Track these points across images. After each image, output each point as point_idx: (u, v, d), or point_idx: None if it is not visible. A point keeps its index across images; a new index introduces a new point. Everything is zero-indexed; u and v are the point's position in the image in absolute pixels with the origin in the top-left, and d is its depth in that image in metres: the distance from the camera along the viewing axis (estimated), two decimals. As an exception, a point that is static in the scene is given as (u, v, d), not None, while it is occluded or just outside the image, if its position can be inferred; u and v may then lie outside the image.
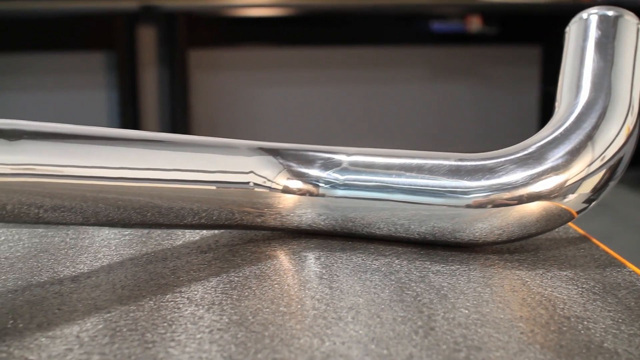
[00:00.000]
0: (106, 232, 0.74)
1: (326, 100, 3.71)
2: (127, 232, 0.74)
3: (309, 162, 0.71)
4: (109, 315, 0.58)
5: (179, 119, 3.25)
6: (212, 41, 3.43)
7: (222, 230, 0.74)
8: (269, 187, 0.69)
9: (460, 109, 3.97)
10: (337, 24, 3.67)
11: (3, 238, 0.74)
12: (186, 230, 0.74)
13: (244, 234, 0.74)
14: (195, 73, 3.39)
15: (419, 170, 0.70)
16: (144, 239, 0.73)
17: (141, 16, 3.27)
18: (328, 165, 0.71)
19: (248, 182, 0.68)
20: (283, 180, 0.70)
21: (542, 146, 0.69)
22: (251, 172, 0.68)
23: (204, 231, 0.74)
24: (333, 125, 3.74)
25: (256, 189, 0.69)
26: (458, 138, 3.97)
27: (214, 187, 0.67)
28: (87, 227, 0.65)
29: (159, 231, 0.74)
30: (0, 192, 0.58)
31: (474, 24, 3.90)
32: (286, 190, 0.70)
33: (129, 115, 3.23)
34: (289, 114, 3.64)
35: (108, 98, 3.33)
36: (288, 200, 0.70)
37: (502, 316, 0.58)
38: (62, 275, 0.65)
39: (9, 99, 3.27)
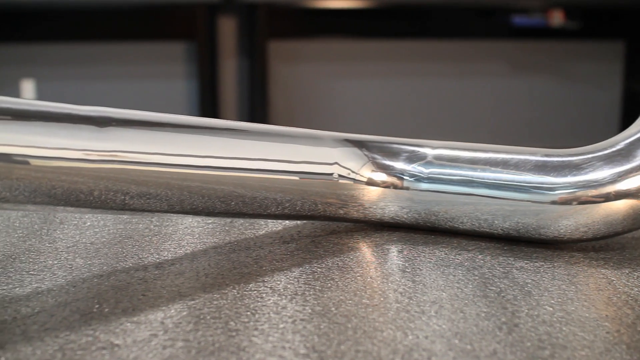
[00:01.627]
0: (189, 220, 0.75)
1: (404, 93, 3.69)
2: (210, 221, 0.74)
3: (394, 154, 0.71)
4: (192, 302, 0.58)
5: (257, 109, 3.27)
6: (291, 33, 3.44)
7: (305, 221, 0.74)
8: (353, 179, 0.69)
9: (539, 105, 3.92)
10: (416, 16, 3.65)
11: (89, 224, 0.75)
12: (269, 220, 0.75)
13: (327, 225, 0.74)
14: (275, 64, 3.40)
15: (505, 165, 0.69)
16: (227, 228, 0.73)
17: (222, 7, 3.30)
18: (413, 158, 0.70)
19: (332, 174, 0.68)
20: (367, 172, 0.70)
21: (630, 143, 0.68)
22: (336, 163, 0.68)
23: (287, 221, 0.74)
24: (410, 118, 3.73)
25: (340, 181, 0.69)
26: (536, 134, 3.92)
27: (298, 178, 0.67)
28: (171, 214, 0.65)
29: (241, 220, 0.75)
30: (88, 178, 0.59)
31: (556, 18, 3.85)
32: (370, 183, 0.70)
33: (208, 105, 3.26)
34: (367, 107, 3.64)
35: (188, 88, 3.36)
36: (372, 193, 0.70)
37: (587, 315, 0.57)
38: (146, 262, 0.66)
39: (92, 87, 3.32)
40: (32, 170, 0.56)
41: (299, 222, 0.75)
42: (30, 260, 0.67)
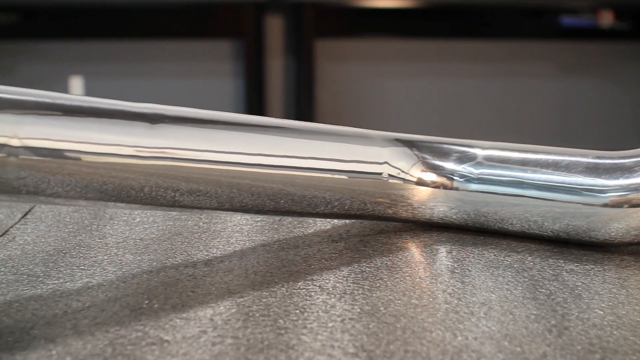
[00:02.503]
0: (238, 218, 0.75)
1: (450, 93, 3.68)
2: (259, 219, 0.75)
3: (444, 154, 0.70)
4: (241, 299, 0.58)
5: (303, 108, 3.27)
6: (338, 31, 3.44)
7: (353, 220, 0.74)
8: (403, 179, 0.69)
9: (587, 106, 3.89)
10: (464, 16, 3.63)
11: (138, 220, 0.75)
12: (317, 219, 0.75)
13: (375, 224, 0.74)
14: (321, 63, 3.40)
15: (555, 166, 0.68)
16: (275, 226, 0.73)
17: (270, 5, 3.30)
18: (463, 158, 0.70)
19: (381, 173, 0.68)
20: (417, 172, 0.69)
21: None
22: (385, 162, 0.68)
23: (335, 220, 0.74)
24: (456, 118, 3.71)
25: (390, 180, 0.68)
26: (585, 136, 3.89)
27: (347, 177, 0.67)
28: (220, 212, 0.66)
29: (290, 218, 0.75)
30: (139, 175, 0.59)
31: (605, 18, 3.81)
32: (420, 183, 0.69)
33: (255, 104, 3.26)
34: (413, 107, 3.63)
35: (234, 86, 3.36)
36: (421, 193, 0.70)
37: (638, 319, 0.56)
38: (195, 259, 0.66)
39: (140, 85, 3.34)
40: (84, 166, 0.57)
41: (347, 221, 0.74)
42: (81, 255, 0.67)
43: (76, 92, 3.32)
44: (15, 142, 0.53)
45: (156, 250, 0.68)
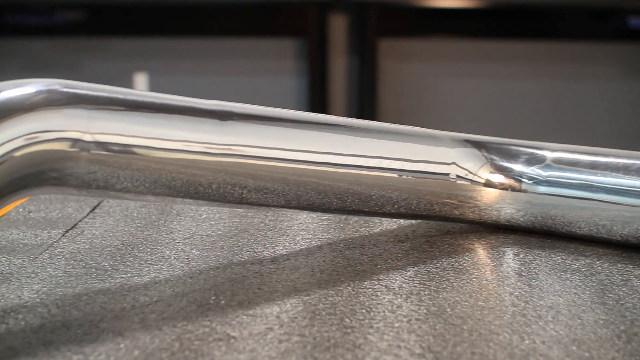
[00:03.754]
0: (304, 216, 0.75)
1: (514, 94, 3.65)
2: (324, 217, 0.75)
3: (512, 156, 0.70)
4: (308, 298, 0.58)
5: (366, 108, 3.27)
6: (402, 31, 3.43)
7: (419, 221, 0.74)
8: (471, 180, 0.68)
9: (654, 109, 3.83)
10: (528, 17, 3.60)
11: (205, 216, 0.76)
12: (383, 219, 0.74)
13: (441, 225, 0.74)
14: (385, 62, 3.39)
15: (626, 170, 0.67)
16: (341, 225, 0.73)
17: (334, 4, 3.30)
18: (531, 160, 0.69)
19: (449, 174, 0.68)
20: (485, 173, 0.69)
21: None
22: (453, 163, 0.68)
23: (401, 220, 0.74)
24: (519, 120, 3.68)
25: (458, 181, 0.68)
26: (650, 140, 3.83)
27: (415, 177, 0.67)
28: (285, 210, 0.66)
29: (356, 218, 0.74)
30: (207, 171, 0.59)
31: (674, 21, 3.75)
32: (488, 184, 0.69)
33: (317, 102, 3.26)
34: (477, 107, 3.60)
35: (297, 85, 3.37)
36: (489, 194, 0.69)
37: None
38: (261, 256, 0.66)
39: (203, 82, 3.36)
40: (153, 162, 0.57)
41: (413, 221, 0.74)
42: (148, 250, 0.68)
43: (140, 89, 3.35)
44: (87, 137, 0.54)
45: (223, 247, 0.68)
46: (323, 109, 3.29)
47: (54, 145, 0.53)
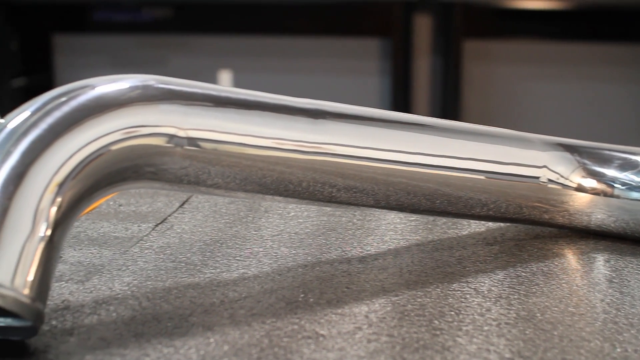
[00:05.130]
0: (392, 216, 0.75)
1: (599, 97, 3.60)
2: (412, 218, 0.74)
3: (605, 161, 0.69)
4: (396, 298, 0.58)
5: (449, 109, 3.25)
6: (487, 32, 3.40)
7: (508, 224, 0.73)
8: (562, 184, 0.68)
9: None
10: (614, 19, 3.54)
11: (293, 214, 0.76)
12: (471, 221, 0.74)
13: (530, 229, 0.73)
14: (469, 64, 3.37)
15: None
16: (429, 226, 0.73)
17: (419, 5, 3.29)
18: (625, 166, 0.68)
19: (540, 177, 0.67)
20: (577, 178, 0.68)
21: None
22: (544, 166, 0.67)
23: (490, 223, 0.74)
24: (604, 124, 3.63)
25: (549, 185, 0.67)
26: None
27: (505, 180, 0.66)
28: (373, 209, 0.66)
29: (444, 219, 0.74)
30: (298, 169, 0.59)
31: None
32: (579, 189, 0.68)
33: (401, 103, 3.26)
34: (562, 110, 3.56)
35: (381, 84, 3.37)
36: (580, 199, 0.68)
37: None
38: (349, 255, 0.66)
39: (287, 80, 3.37)
40: (243, 158, 0.58)
41: (502, 224, 0.73)
42: (237, 246, 0.68)
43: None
44: (181, 133, 0.55)
45: (311, 245, 0.68)
46: (406, 110, 3.28)
47: (149, 140, 0.54)
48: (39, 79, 3.39)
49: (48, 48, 3.47)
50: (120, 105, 0.53)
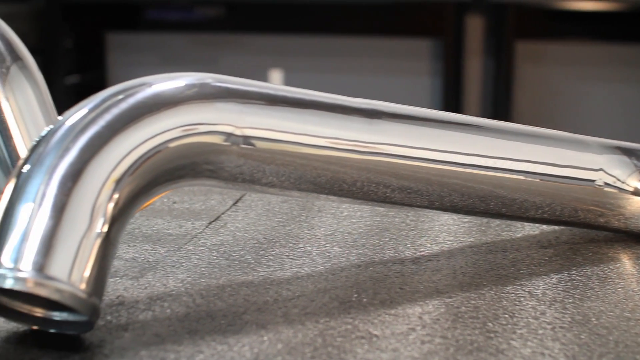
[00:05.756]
0: (445, 218, 0.75)
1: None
2: (466, 220, 0.74)
3: (663, 165, 0.68)
4: (450, 300, 0.58)
5: (500, 110, 3.23)
6: (540, 34, 3.38)
7: (562, 227, 0.73)
8: (619, 188, 0.67)
9: None
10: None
11: (346, 214, 0.76)
12: (525, 223, 0.73)
13: (585, 232, 0.72)
14: (521, 65, 3.35)
15: None
16: (483, 228, 0.72)
17: (471, 6, 3.28)
18: None
19: (596, 180, 0.66)
20: (634, 182, 0.67)
21: None
22: (601, 170, 0.66)
23: (544, 226, 0.73)
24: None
25: (605, 189, 0.66)
26: None
27: (560, 182, 0.66)
28: (426, 210, 0.65)
29: (497, 221, 0.74)
30: (353, 169, 0.59)
31: None
32: (636, 193, 0.67)
33: (451, 103, 3.25)
34: (615, 113, 3.53)
35: (431, 85, 3.36)
36: (637, 203, 0.67)
37: None
38: (403, 256, 0.66)
39: (337, 80, 3.37)
40: (298, 157, 0.58)
41: (556, 227, 0.73)
42: (290, 245, 0.69)
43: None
44: (238, 132, 0.55)
45: (364, 245, 0.68)
46: (457, 111, 3.27)
47: (207, 138, 0.54)
48: (92, 76, 3.43)
49: (101, 46, 3.50)
50: (177, 103, 0.54)
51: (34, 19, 3.17)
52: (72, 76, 3.30)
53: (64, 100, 0.69)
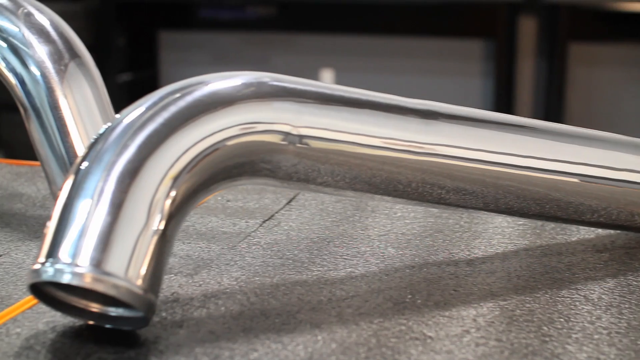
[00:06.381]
0: (499, 220, 0.74)
1: None
2: (520, 222, 0.73)
3: None
4: (504, 302, 0.58)
5: (553, 113, 3.21)
6: (594, 35, 3.35)
7: (618, 231, 0.72)
8: (677, 192, 0.66)
9: None
10: None
11: (399, 214, 0.76)
12: (580, 227, 0.73)
13: (641, 237, 0.72)
14: (574, 67, 3.32)
15: None
16: (537, 231, 0.72)
17: (524, 7, 3.25)
18: None
19: None
20: (693, 187, 0.66)
21: None
22: None
23: (599, 230, 0.72)
24: None
25: (662, 192, 0.66)
26: None
27: (617, 186, 0.65)
28: (480, 212, 0.65)
29: (552, 224, 0.73)
30: (408, 170, 0.59)
31: None
32: (695, 198, 0.66)
33: (503, 105, 3.23)
34: (667, 117, 3.49)
35: (483, 87, 3.34)
36: (694, 208, 0.66)
37: None
38: (457, 258, 0.66)
39: (387, 80, 3.37)
40: (354, 157, 0.58)
41: (612, 231, 0.72)
42: (344, 245, 0.69)
43: (326, 85, 3.38)
44: (294, 131, 0.55)
45: (418, 246, 0.68)
46: (509, 113, 3.25)
47: (264, 137, 0.54)
48: (144, 74, 3.46)
49: (153, 44, 3.53)
50: (235, 101, 0.54)
51: (89, 17, 3.20)
52: (124, 74, 3.33)
53: (116, 98, 0.70)
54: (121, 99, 2.73)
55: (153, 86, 3.45)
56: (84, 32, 3.16)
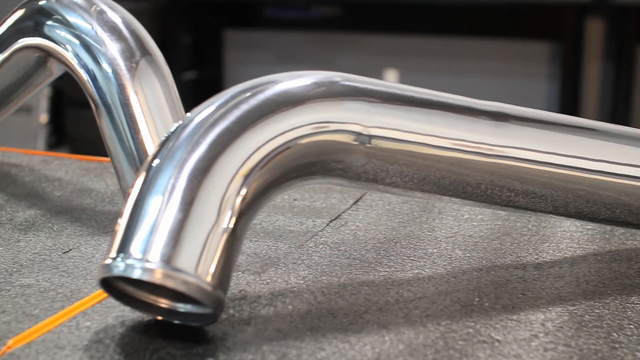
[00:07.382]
0: (567, 224, 0.73)
1: None
2: (589, 227, 0.73)
3: None
4: (573, 308, 0.57)
5: (619, 116, 3.17)
6: (662, 38, 3.30)
7: (692, 237, 0.71)
8: None
9: None
10: None
11: (467, 216, 0.75)
12: (652, 233, 0.72)
13: None
14: (642, 70, 3.28)
15: None
16: (607, 236, 0.71)
17: (592, 8, 3.22)
18: None
19: None
20: None
21: None
22: None
23: (671, 236, 0.71)
24: None
25: None
26: None
27: None
28: (549, 216, 0.64)
29: (621, 230, 0.72)
30: (477, 172, 0.59)
31: None
32: None
33: (569, 108, 3.19)
34: None
35: (548, 89, 3.31)
36: None
37: None
38: (525, 261, 0.65)
39: (451, 81, 3.35)
40: (423, 158, 0.57)
41: (683, 237, 0.71)
42: (411, 246, 0.68)
43: (390, 85, 3.37)
44: (365, 131, 0.55)
45: (485, 249, 0.68)
46: (574, 115, 3.21)
47: (336, 137, 0.54)
48: (209, 73, 3.48)
49: (219, 43, 3.55)
50: (306, 100, 0.54)
51: (156, 15, 3.23)
52: (189, 72, 3.35)
53: (181, 96, 0.70)
54: (186, 96, 2.74)
55: (217, 84, 3.48)
56: (151, 30, 3.18)
